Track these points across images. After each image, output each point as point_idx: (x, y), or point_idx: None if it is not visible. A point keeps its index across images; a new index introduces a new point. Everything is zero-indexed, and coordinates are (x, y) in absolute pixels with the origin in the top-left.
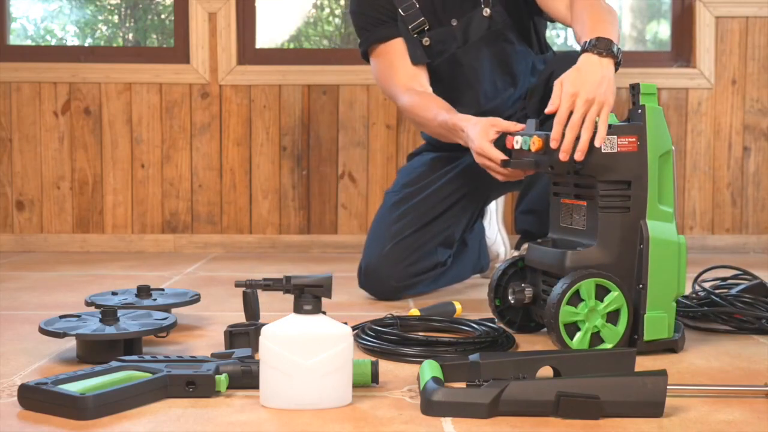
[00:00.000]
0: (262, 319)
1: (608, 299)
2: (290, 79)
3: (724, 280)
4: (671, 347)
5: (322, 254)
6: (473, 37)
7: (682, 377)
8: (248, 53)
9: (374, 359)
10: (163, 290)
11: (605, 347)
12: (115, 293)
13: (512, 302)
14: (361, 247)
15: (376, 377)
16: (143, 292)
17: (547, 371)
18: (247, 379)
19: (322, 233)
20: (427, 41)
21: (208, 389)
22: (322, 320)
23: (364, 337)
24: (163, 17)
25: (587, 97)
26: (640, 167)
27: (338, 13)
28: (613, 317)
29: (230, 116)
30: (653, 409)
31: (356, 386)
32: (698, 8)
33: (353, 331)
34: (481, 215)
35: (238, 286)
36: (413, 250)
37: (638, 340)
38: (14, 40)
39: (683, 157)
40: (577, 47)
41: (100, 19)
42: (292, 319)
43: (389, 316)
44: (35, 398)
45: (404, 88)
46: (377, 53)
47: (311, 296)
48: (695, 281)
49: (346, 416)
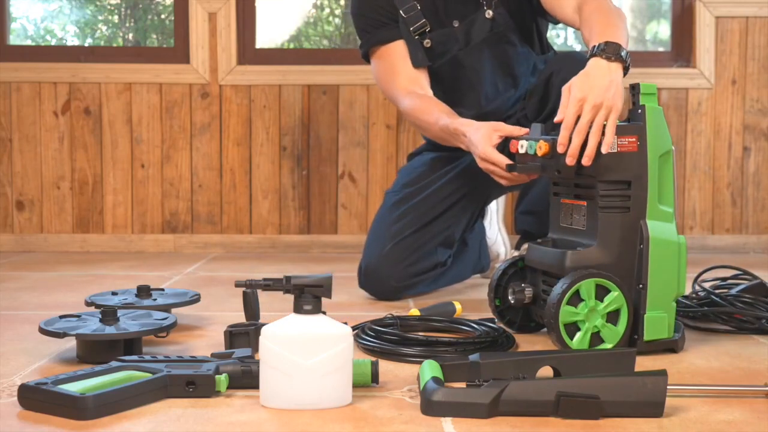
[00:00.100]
0: (262, 319)
1: (608, 299)
2: (290, 79)
3: (724, 280)
4: (671, 347)
5: (322, 254)
6: (475, 38)
7: (682, 377)
8: (248, 53)
9: (374, 359)
10: (163, 290)
11: (605, 347)
12: (115, 293)
13: (512, 302)
14: (361, 247)
15: (376, 377)
16: (143, 292)
17: (547, 371)
18: (247, 379)
19: (322, 233)
20: (428, 43)
21: (208, 389)
22: (322, 320)
23: (364, 337)
24: (163, 17)
25: (595, 102)
26: (640, 167)
27: (338, 13)
28: (613, 317)
29: (230, 116)
30: (653, 409)
31: (356, 386)
32: (698, 8)
33: (353, 331)
34: (481, 215)
35: (238, 286)
36: (413, 250)
37: (638, 340)
38: (14, 40)
39: (683, 157)
40: (576, 47)
41: (100, 19)
42: (292, 319)
43: (389, 316)
44: (35, 398)
45: (405, 91)
46: (378, 55)
47: (311, 296)
48: (695, 281)
49: (346, 416)
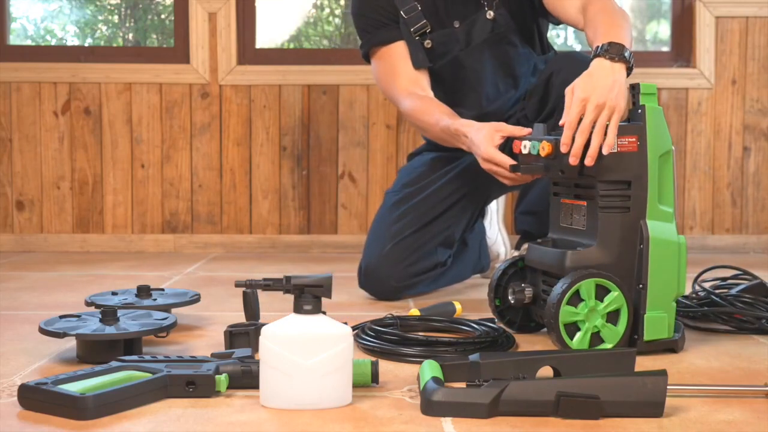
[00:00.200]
0: (262, 319)
1: (608, 299)
2: (290, 79)
3: (724, 280)
4: (671, 347)
5: (322, 254)
6: (476, 39)
7: (682, 377)
8: (248, 53)
9: (374, 359)
10: (163, 290)
11: (605, 347)
12: (115, 293)
13: (512, 302)
14: (361, 247)
15: (376, 377)
16: (143, 292)
17: (547, 371)
18: (247, 379)
19: (322, 233)
20: (429, 43)
21: (208, 389)
22: (322, 320)
23: (364, 337)
24: (163, 17)
25: (598, 102)
26: (640, 167)
27: (338, 13)
28: (613, 317)
29: (230, 116)
30: (653, 409)
31: (356, 386)
32: (698, 8)
33: (353, 331)
34: (481, 215)
35: (238, 286)
36: (413, 250)
37: (638, 340)
38: (14, 40)
39: (683, 157)
40: (576, 47)
41: (100, 19)
42: (292, 319)
43: (389, 316)
44: (35, 398)
45: (406, 92)
46: (378, 56)
47: (311, 296)
48: (695, 281)
49: (346, 416)
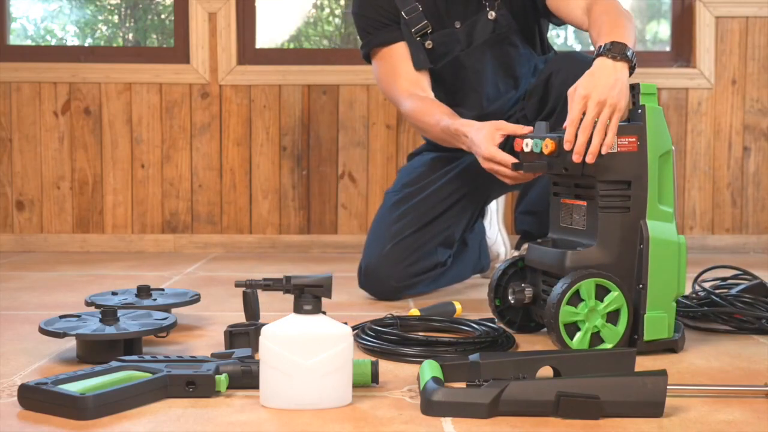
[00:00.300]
0: (262, 319)
1: (608, 299)
2: (290, 79)
3: (724, 280)
4: (671, 347)
5: (322, 254)
6: (477, 40)
7: (682, 377)
8: (248, 53)
9: (374, 359)
10: (163, 290)
11: (605, 347)
12: (115, 293)
13: (512, 302)
14: (361, 247)
15: (376, 377)
16: (143, 292)
17: (547, 371)
18: (247, 379)
19: (322, 233)
20: (429, 44)
21: (208, 389)
22: (322, 320)
23: (364, 337)
24: (163, 17)
25: (599, 99)
26: (640, 167)
27: (338, 13)
28: (613, 317)
29: (230, 116)
30: (653, 409)
31: (356, 386)
32: (698, 8)
33: (353, 331)
34: (481, 215)
35: (238, 286)
36: (413, 250)
37: (638, 340)
38: (14, 40)
39: (683, 157)
40: (576, 47)
41: (100, 19)
42: (292, 319)
43: (389, 316)
44: (35, 398)
45: (406, 93)
46: (379, 57)
47: (311, 296)
48: (695, 281)
49: (346, 416)
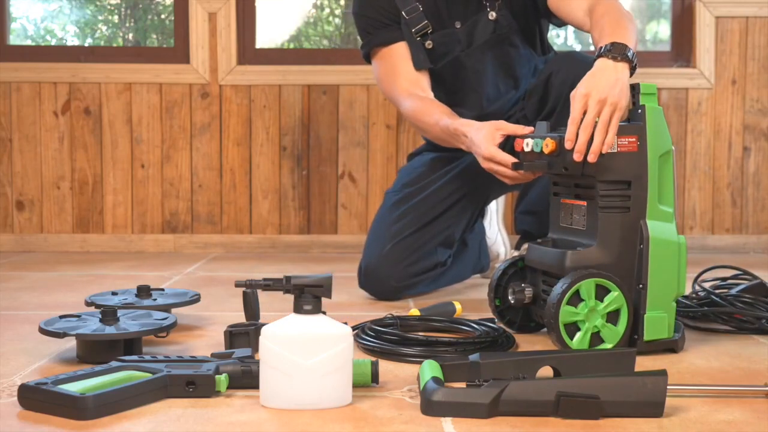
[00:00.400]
0: (262, 319)
1: (608, 299)
2: (290, 79)
3: (724, 280)
4: (671, 347)
5: (322, 254)
6: (478, 40)
7: (682, 377)
8: (248, 53)
9: (374, 359)
10: (163, 290)
11: (605, 347)
12: (115, 293)
13: (512, 302)
14: (361, 247)
15: (376, 377)
16: (143, 292)
17: (547, 371)
18: (247, 379)
19: (322, 233)
20: (430, 44)
21: (208, 389)
22: (322, 320)
23: (364, 337)
24: (163, 17)
25: (599, 97)
26: (640, 167)
27: (338, 13)
28: (613, 317)
29: (230, 116)
30: (653, 409)
31: (356, 386)
32: (698, 8)
33: (353, 331)
34: (481, 215)
35: (238, 286)
36: (413, 250)
37: (638, 340)
38: (14, 40)
39: (683, 157)
40: (576, 47)
41: (100, 19)
42: (292, 319)
43: (389, 316)
44: (35, 398)
45: (406, 92)
46: (379, 56)
47: (311, 296)
48: (695, 281)
49: (346, 416)
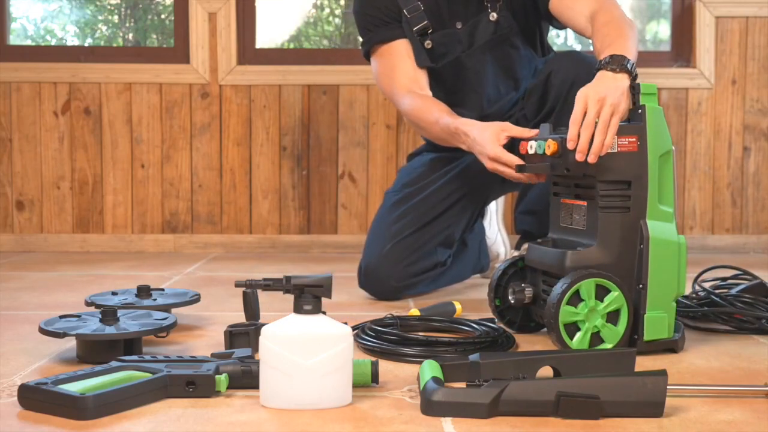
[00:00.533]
0: (262, 319)
1: (608, 299)
2: (290, 79)
3: (724, 280)
4: (671, 347)
5: (322, 254)
6: (479, 41)
7: (682, 377)
8: (248, 53)
9: (374, 359)
10: (163, 290)
11: (605, 347)
12: (115, 293)
13: (512, 302)
14: (361, 247)
15: (376, 377)
16: (143, 292)
17: (547, 371)
18: (247, 379)
19: (322, 233)
20: (429, 44)
21: (208, 389)
22: (322, 320)
23: (364, 337)
24: (163, 17)
25: (599, 96)
26: (640, 167)
27: (338, 13)
28: (613, 317)
29: (230, 116)
30: (653, 409)
31: (356, 386)
32: (698, 8)
33: (353, 331)
34: (481, 215)
35: (238, 286)
36: (413, 250)
37: (638, 340)
38: (14, 40)
39: (683, 157)
40: (576, 47)
41: (100, 19)
42: (292, 319)
43: (389, 316)
44: (35, 398)
45: (405, 90)
46: (379, 53)
47: (311, 296)
48: (695, 281)
49: (346, 416)
